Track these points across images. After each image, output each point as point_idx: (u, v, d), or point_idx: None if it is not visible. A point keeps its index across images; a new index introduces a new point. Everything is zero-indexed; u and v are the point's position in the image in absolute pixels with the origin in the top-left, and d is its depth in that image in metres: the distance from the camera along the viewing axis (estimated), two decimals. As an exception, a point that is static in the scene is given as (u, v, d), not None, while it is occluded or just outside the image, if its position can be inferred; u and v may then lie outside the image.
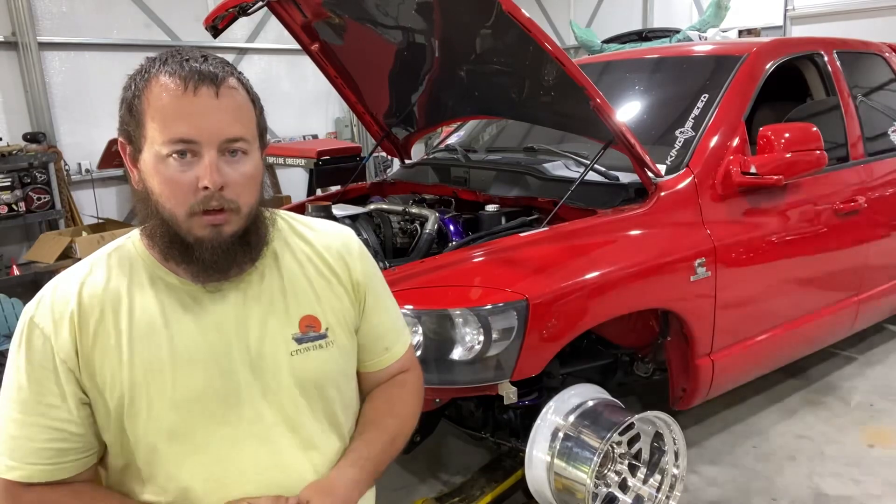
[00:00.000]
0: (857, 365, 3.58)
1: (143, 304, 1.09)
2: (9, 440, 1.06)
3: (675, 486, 2.13)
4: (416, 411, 1.36)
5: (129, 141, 1.07)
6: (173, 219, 1.04)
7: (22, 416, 1.06)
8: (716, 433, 2.97)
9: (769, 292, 2.69)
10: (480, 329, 1.93)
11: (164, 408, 1.07)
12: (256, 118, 1.10)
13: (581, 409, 2.06)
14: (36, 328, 1.07)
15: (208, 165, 1.02)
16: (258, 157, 1.10)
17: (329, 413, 1.20)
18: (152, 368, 1.07)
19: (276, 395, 1.13)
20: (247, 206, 1.08)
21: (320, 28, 2.92)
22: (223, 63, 1.07)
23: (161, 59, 1.04)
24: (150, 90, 1.02)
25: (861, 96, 3.28)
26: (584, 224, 2.27)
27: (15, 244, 5.35)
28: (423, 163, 3.33)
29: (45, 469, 1.06)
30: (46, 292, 1.10)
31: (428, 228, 2.53)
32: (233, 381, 1.10)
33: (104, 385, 1.07)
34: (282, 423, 1.14)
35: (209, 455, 1.10)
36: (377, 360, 1.32)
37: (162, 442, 1.08)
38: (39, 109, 5.36)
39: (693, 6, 9.32)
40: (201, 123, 1.01)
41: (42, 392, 1.06)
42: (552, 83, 2.34)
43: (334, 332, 1.20)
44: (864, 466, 2.70)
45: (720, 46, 3.19)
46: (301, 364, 1.15)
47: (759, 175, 2.48)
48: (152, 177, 1.04)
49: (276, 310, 1.16)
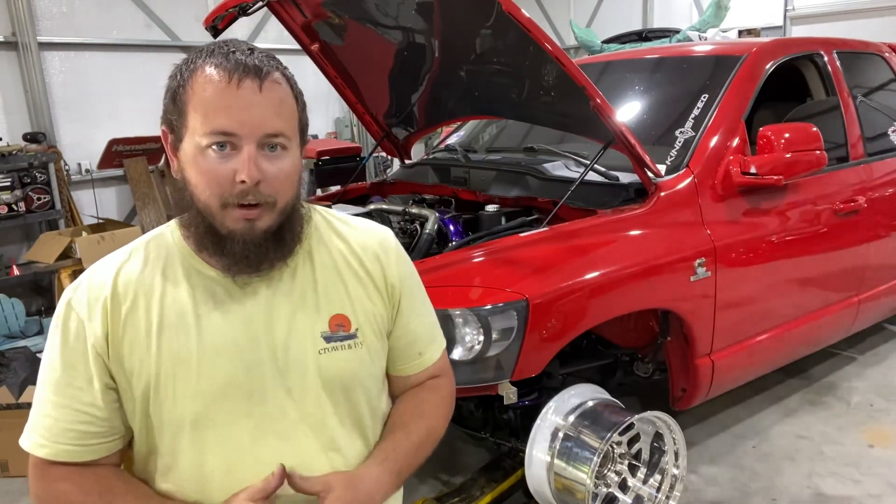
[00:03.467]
0: (857, 365, 3.58)
1: (175, 294, 1.10)
2: (41, 418, 1.08)
3: (675, 486, 2.13)
4: (447, 417, 1.33)
5: (171, 130, 1.08)
6: (208, 209, 1.04)
7: (54, 397, 1.08)
8: (716, 433, 2.98)
9: (769, 292, 2.69)
10: (480, 329, 1.93)
11: (189, 398, 1.07)
12: (298, 114, 1.10)
13: (581, 409, 2.06)
14: (72, 311, 1.09)
15: (247, 159, 1.01)
16: (297, 153, 1.10)
17: (354, 416, 1.19)
18: (179, 358, 1.07)
19: (301, 394, 1.12)
20: (283, 203, 1.07)
21: (320, 28, 2.91)
22: (269, 57, 1.07)
23: (208, 51, 1.05)
24: (194, 80, 1.03)
25: (861, 96, 3.28)
26: (584, 224, 2.27)
27: (15, 244, 5.35)
28: (423, 163, 3.33)
29: (71, 449, 1.08)
30: (85, 277, 1.12)
31: (428, 228, 2.53)
32: (258, 375, 1.10)
33: (132, 372, 1.08)
34: (304, 421, 1.13)
35: (230, 447, 1.10)
36: (410, 364, 1.30)
37: (185, 431, 1.09)
38: (39, 109, 5.36)
39: (693, 6, 9.31)
40: (242, 117, 1.01)
41: (72, 374, 1.07)
42: (552, 83, 2.34)
43: (364, 334, 1.18)
44: (864, 466, 2.70)
45: (720, 46, 3.20)
46: (328, 363, 1.14)
47: (759, 175, 2.48)
48: (191, 167, 1.04)
49: (306, 306, 1.15)
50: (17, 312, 4.58)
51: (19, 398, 3.15)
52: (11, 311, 4.56)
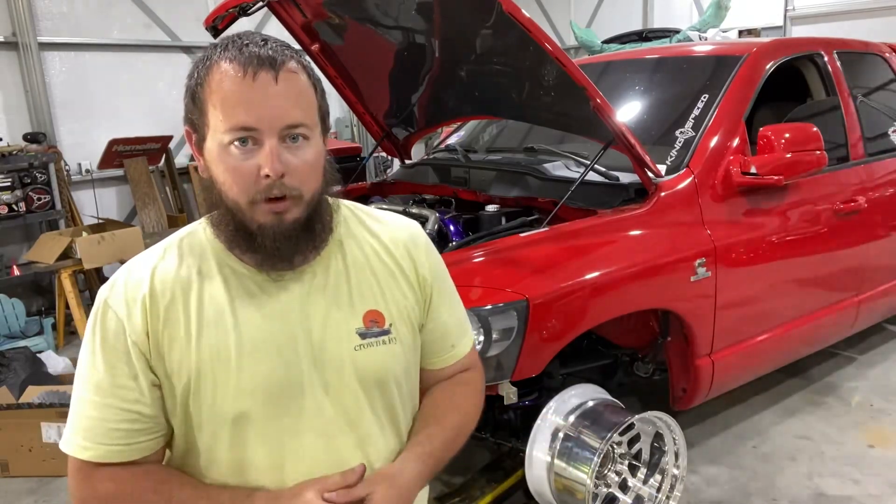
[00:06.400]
0: (857, 365, 3.58)
1: (212, 291, 1.10)
2: (83, 420, 1.07)
3: (676, 486, 2.13)
4: (478, 410, 1.33)
5: (194, 129, 1.07)
6: (237, 207, 1.04)
7: (96, 398, 1.07)
8: (716, 433, 2.98)
9: (769, 292, 2.69)
10: (480, 329, 1.93)
11: (229, 395, 1.07)
12: (318, 102, 1.09)
13: (581, 410, 2.06)
14: (110, 310, 1.08)
15: (269, 153, 1.01)
16: (320, 142, 1.09)
17: (389, 410, 1.19)
18: (219, 356, 1.07)
19: (338, 390, 1.12)
20: (309, 193, 1.06)
21: (320, 28, 2.92)
22: (283, 46, 1.06)
23: (222, 45, 1.04)
24: (210, 77, 1.02)
25: (861, 96, 3.28)
26: (584, 224, 2.27)
27: (15, 244, 5.34)
28: (423, 163, 3.33)
29: (118, 449, 1.07)
30: (120, 276, 1.11)
31: (428, 229, 2.53)
32: (296, 371, 1.10)
33: (172, 369, 1.07)
34: (341, 417, 1.13)
35: (270, 443, 1.10)
36: (443, 357, 1.30)
37: (224, 429, 1.08)
38: (39, 109, 5.36)
39: (693, 6, 9.31)
40: (260, 111, 1.00)
41: (115, 374, 1.07)
42: (552, 83, 2.34)
43: (398, 329, 1.18)
44: (864, 466, 2.70)
45: (720, 47, 3.20)
46: (364, 359, 1.13)
47: (760, 175, 2.48)
48: (216, 165, 1.04)
49: (340, 302, 1.14)
50: (17, 312, 4.58)
51: (19, 398, 3.15)
52: (11, 311, 4.56)
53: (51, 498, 2.88)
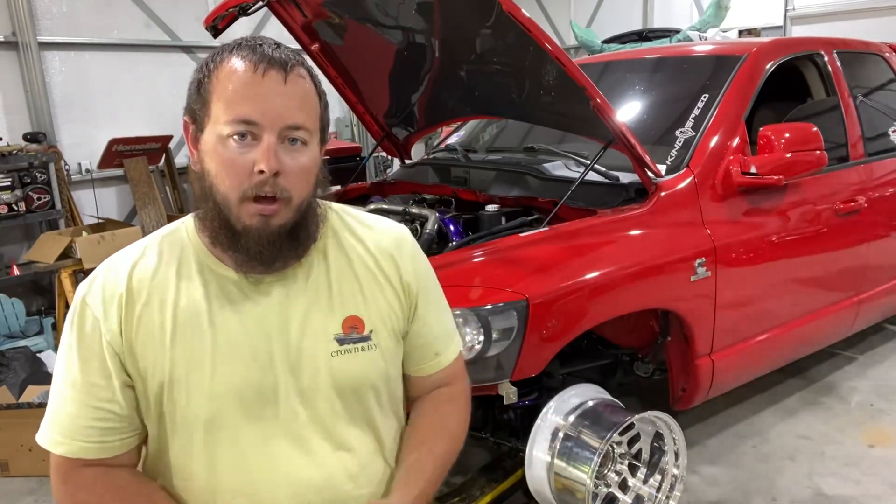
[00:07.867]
0: (857, 365, 3.58)
1: (189, 293, 1.10)
2: (58, 415, 1.09)
3: (675, 486, 2.13)
4: (465, 429, 1.33)
5: (193, 120, 1.08)
6: (225, 202, 1.04)
7: (71, 394, 1.08)
8: (716, 433, 2.98)
9: (769, 292, 2.69)
10: (480, 329, 1.93)
11: (202, 398, 1.07)
12: (320, 112, 1.10)
13: (581, 409, 2.06)
14: (87, 308, 1.09)
15: (266, 149, 1.02)
16: (317, 150, 1.10)
17: (365, 415, 1.18)
18: (193, 359, 1.07)
19: (313, 396, 1.12)
20: (299, 199, 1.07)
21: (320, 28, 2.91)
22: (295, 52, 1.08)
23: (236, 44, 1.06)
24: (220, 70, 1.04)
25: (861, 96, 3.28)
26: (584, 224, 2.27)
27: (15, 244, 5.34)
28: (423, 163, 3.33)
29: (90, 447, 1.08)
30: (100, 273, 1.12)
31: (428, 228, 2.53)
32: (270, 377, 1.10)
33: (146, 370, 1.08)
34: (316, 423, 1.13)
35: (242, 448, 1.10)
36: (427, 364, 1.29)
37: (198, 432, 1.09)
38: (39, 109, 5.35)
39: (693, 6, 9.32)
40: (265, 106, 1.02)
41: (89, 371, 1.07)
42: (552, 83, 2.34)
43: (378, 335, 1.17)
44: (864, 466, 2.70)
45: (720, 46, 3.20)
46: (340, 366, 1.13)
47: (760, 175, 2.48)
48: (211, 157, 1.05)
49: (320, 307, 1.14)
50: (17, 312, 4.58)
51: (19, 398, 3.15)
52: (11, 311, 4.56)
53: (51, 498, 2.87)
